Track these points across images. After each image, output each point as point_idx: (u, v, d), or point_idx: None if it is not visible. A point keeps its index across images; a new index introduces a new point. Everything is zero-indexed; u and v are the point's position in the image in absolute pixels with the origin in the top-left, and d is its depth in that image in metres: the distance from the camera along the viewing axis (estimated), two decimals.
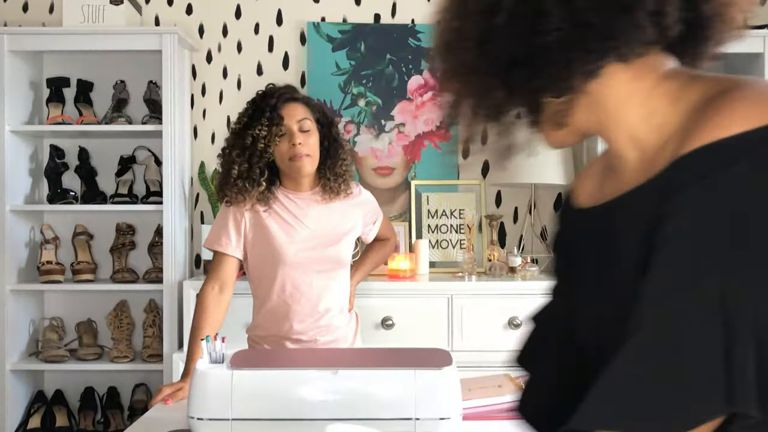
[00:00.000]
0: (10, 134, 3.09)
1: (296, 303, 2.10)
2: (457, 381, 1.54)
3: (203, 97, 3.38)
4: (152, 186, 3.25)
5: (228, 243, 2.09)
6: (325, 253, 2.12)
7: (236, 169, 2.07)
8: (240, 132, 2.10)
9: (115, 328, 3.21)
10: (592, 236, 0.87)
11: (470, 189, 3.33)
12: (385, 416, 1.49)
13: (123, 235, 3.29)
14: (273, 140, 2.07)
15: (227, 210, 2.11)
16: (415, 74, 3.33)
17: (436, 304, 2.89)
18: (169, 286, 3.05)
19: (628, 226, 0.79)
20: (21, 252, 3.19)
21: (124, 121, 3.16)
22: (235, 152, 2.08)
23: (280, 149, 2.09)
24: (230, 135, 2.15)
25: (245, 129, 2.09)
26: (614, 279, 0.81)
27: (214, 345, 1.61)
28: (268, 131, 2.06)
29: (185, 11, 3.38)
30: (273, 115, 2.08)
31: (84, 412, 3.24)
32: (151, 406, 1.83)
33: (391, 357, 1.67)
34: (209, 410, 1.49)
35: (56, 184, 3.24)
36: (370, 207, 2.30)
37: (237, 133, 2.11)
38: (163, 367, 3.02)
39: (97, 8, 3.09)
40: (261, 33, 3.38)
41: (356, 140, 3.34)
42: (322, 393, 1.49)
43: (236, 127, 2.12)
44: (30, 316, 3.24)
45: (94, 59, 3.34)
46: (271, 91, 2.15)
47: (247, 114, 2.11)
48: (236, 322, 2.69)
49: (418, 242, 3.17)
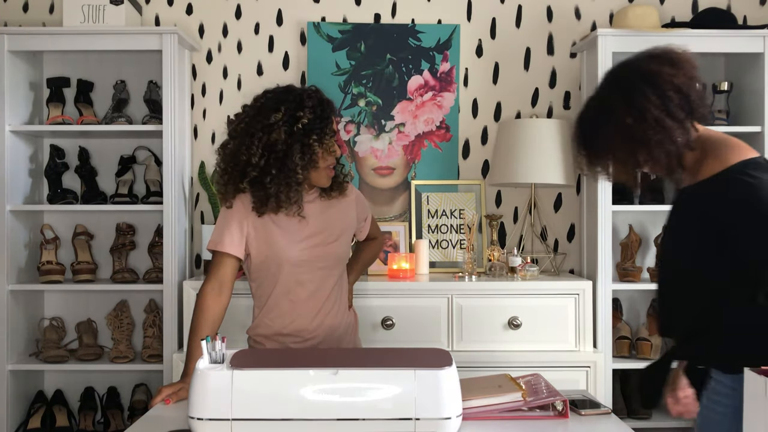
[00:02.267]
0: (10, 134, 3.09)
1: (299, 301, 2.11)
2: (457, 381, 1.54)
3: (203, 97, 3.38)
4: (152, 186, 3.25)
5: (230, 243, 2.09)
6: (326, 250, 2.13)
7: (300, 175, 2.02)
8: (297, 135, 2.00)
9: (115, 328, 3.21)
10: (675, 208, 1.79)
11: (470, 189, 3.33)
12: (385, 416, 1.49)
13: (123, 235, 3.29)
14: (328, 151, 2.06)
15: (230, 211, 2.11)
16: (415, 74, 3.33)
17: (436, 304, 2.89)
18: (169, 286, 3.05)
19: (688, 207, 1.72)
20: (21, 252, 3.19)
21: (124, 121, 3.16)
22: (297, 156, 2.00)
23: (327, 160, 2.08)
24: (283, 135, 2.00)
25: (306, 134, 2.01)
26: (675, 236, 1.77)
27: (214, 345, 1.61)
28: (328, 142, 2.04)
29: (185, 11, 3.38)
30: (331, 125, 2.07)
31: (84, 412, 3.24)
32: (152, 407, 1.83)
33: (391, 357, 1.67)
34: (209, 410, 1.49)
35: (56, 184, 3.24)
36: (361, 204, 2.32)
37: (293, 134, 2.00)
38: (163, 367, 3.02)
39: (97, 8, 3.09)
40: (261, 33, 3.38)
41: (356, 140, 3.34)
42: (322, 393, 1.49)
43: (293, 128, 2.00)
44: (30, 316, 3.24)
45: (94, 59, 3.34)
46: (323, 98, 2.09)
47: (306, 116, 2.01)
48: (236, 322, 2.69)
49: (418, 242, 3.17)
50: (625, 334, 3.15)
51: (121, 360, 3.11)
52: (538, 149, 3.06)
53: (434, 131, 3.34)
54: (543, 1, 3.38)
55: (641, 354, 3.06)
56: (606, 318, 3.01)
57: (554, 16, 3.38)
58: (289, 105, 2.02)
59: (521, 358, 2.82)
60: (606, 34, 3.03)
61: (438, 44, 3.33)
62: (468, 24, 3.37)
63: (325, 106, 2.07)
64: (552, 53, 3.38)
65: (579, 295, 2.90)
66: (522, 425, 1.65)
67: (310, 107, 2.03)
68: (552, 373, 2.27)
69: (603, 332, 3.00)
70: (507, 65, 3.38)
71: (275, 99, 2.05)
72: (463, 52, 3.36)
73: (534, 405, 1.71)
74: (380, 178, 3.35)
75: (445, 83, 3.34)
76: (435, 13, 3.37)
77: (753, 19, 3.37)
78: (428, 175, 3.34)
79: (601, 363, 2.86)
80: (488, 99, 3.38)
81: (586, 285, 2.91)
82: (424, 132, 3.34)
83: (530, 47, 3.38)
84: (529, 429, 1.63)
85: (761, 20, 3.35)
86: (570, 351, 2.89)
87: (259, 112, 2.04)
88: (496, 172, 3.19)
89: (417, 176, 3.34)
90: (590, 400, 1.83)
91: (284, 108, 2.02)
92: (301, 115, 2.00)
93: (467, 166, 3.37)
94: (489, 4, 3.38)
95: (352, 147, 3.34)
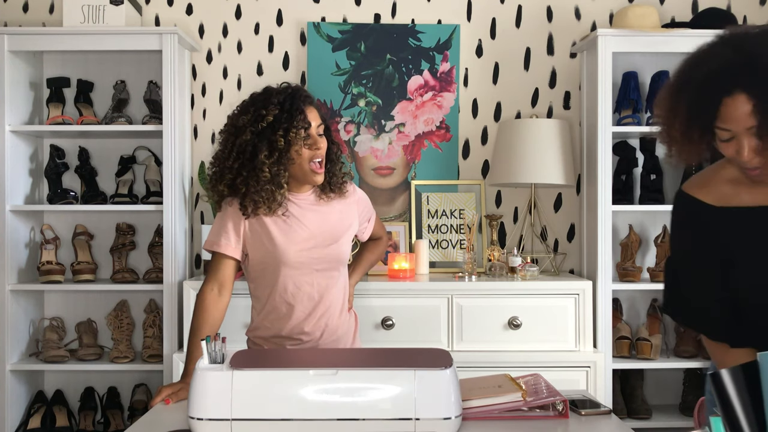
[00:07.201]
0: (10, 134, 3.09)
1: (298, 302, 2.10)
2: (457, 381, 1.54)
3: (203, 97, 3.38)
4: (152, 186, 3.25)
5: (227, 244, 2.09)
6: (325, 251, 2.12)
7: (267, 173, 2.01)
8: (264, 132, 2.00)
9: (115, 328, 3.21)
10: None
11: (470, 189, 3.33)
12: (385, 416, 1.49)
13: (123, 235, 3.29)
14: (301, 144, 2.03)
15: (226, 211, 2.11)
16: (415, 74, 3.33)
17: (436, 304, 2.89)
18: (169, 287, 3.05)
19: None
20: (21, 252, 3.19)
21: (124, 121, 3.16)
22: (263, 154, 2.00)
23: (303, 154, 2.05)
24: (249, 135, 2.00)
25: (273, 130, 2.00)
26: None
27: (214, 345, 1.61)
28: (296, 134, 2.01)
29: (185, 11, 3.38)
30: (302, 117, 2.03)
31: (84, 412, 3.24)
32: (152, 407, 1.83)
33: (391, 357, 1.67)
34: (209, 410, 1.49)
35: (56, 184, 3.24)
36: (364, 205, 2.31)
37: (259, 134, 2.00)
38: (163, 367, 3.02)
39: (97, 8, 3.09)
40: (261, 33, 3.38)
41: (356, 140, 3.34)
42: (322, 393, 1.49)
43: (258, 126, 2.01)
44: (30, 316, 3.24)
45: (94, 59, 3.34)
46: (294, 91, 2.08)
47: (271, 113, 2.01)
48: (236, 323, 2.69)
49: (418, 242, 3.17)
50: (625, 334, 3.15)
51: (121, 360, 3.11)
52: (538, 149, 3.06)
53: (434, 131, 3.34)
54: (543, 1, 3.38)
55: (641, 354, 3.06)
56: (606, 318, 3.01)
57: (554, 16, 3.38)
58: (257, 105, 2.04)
59: (521, 358, 2.82)
60: (606, 34, 3.03)
61: (438, 44, 3.33)
62: (468, 24, 3.37)
63: (296, 99, 2.04)
64: (552, 53, 3.38)
65: (579, 295, 2.90)
66: (522, 425, 1.65)
67: (276, 103, 2.02)
68: (552, 373, 2.27)
69: (603, 332, 3.00)
70: (507, 65, 3.38)
71: (248, 102, 2.08)
72: (463, 52, 3.36)
73: (534, 405, 1.71)
74: (380, 178, 3.35)
75: (445, 83, 3.34)
76: (435, 13, 3.37)
77: (753, 19, 3.37)
78: (428, 175, 3.34)
79: (601, 363, 2.86)
80: (488, 99, 3.38)
81: (586, 285, 2.91)
82: (424, 132, 3.34)
83: (530, 47, 3.38)
84: (529, 429, 1.63)
85: (761, 20, 3.35)
86: (570, 351, 2.89)
87: (233, 117, 2.08)
88: (496, 172, 3.19)
89: (417, 176, 3.34)
90: (590, 400, 1.83)
91: (252, 109, 2.04)
92: (265, 113, 2.01)
93: (467, 166, 3.37)
94: (489, 4, 3.38)
95: (352, 147, 3.34)
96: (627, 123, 3.11)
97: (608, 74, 3.04)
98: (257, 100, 2.06)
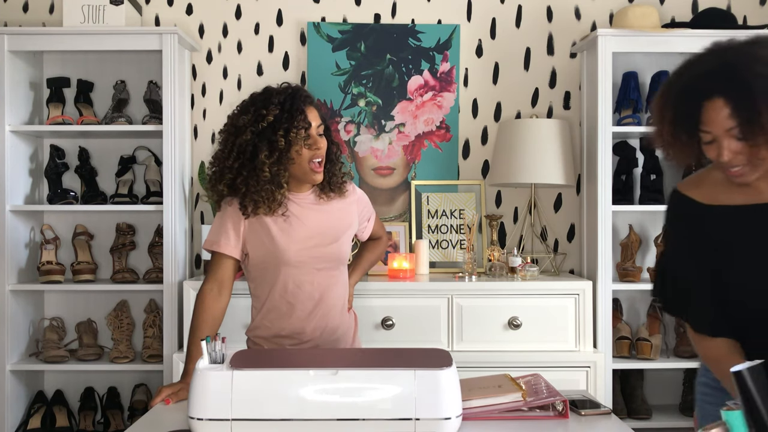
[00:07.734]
0: (10, 134, 3.09)
1: (298, 302, 2.10)
2: (457, 381, 1.54)
3: (203, 97, 3.38)
4: (152, 186, 3.25)
5: (227, 244, 2.09)
6: (325, 251, 2.12)
7: (267, 173, 2.01)
8: (265, 132, 2.01)
9: (115, 328, 3.21)
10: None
11: (470, 189, 3.33)
12: (385, 416, 1.49)
13: (123, 235, 3.29)
14: (301, 144, 2.03)
15: (226, 211, 2.11)
16: (415, 74, 3.33)
17: (436, 304, 2.89)
18: (169, 286, 3.05)
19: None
20: (21, 252, 3.19)
21: (124, 121, 3.16)
22: (263, 154, 2.00)
23: (303, 154, 2.05)
24: (249, 135, 2.01)
25: (273, 130, 2.00)
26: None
27: (214, 345, 1.61)
28: (296, 134, 2.01)
29: (185, 11, 3.38)
30: (302, 117, 2.03)
31: (84, 412, 3.24)
32: (152, 407, 1.83)
33: (391, 357, 1.67)
34: (209, 410, 1.49)
35: (56, 184, 3.24)
36: (364, 204, 2.31)
37: (259, 134, 2.01)
38: (163, 367, 3.02)
39: (97, 8, 3.09)
40: (261, 33, 3.38)
41: (356, 140, 3.34)
42: (322, 393, 1.49)
43: (258, 126, 2.01)
44: (30, 316, 3.24)
45: (94, 59, 3.34)
46: (294, 91, 2.08)
47: (271, 113, 2.01)
48: (236, 322, 2.69)
49: (418, 242, 3.17)
50: (625, 335, 3.15)
51: (121, 360, 3.11)
52: (538, 149, 3.06)
53: (434, 131, 3.34)
54: (543, 1, 3.38)
55: (641, 354, 3.06)
56: (606, 318, 3.01)
57: (554, 16, 3.38)
58: (257, 105, 2.04)
59: (521, 358, 2.82)
60: (606, 34, 3.03)
61: (438, 44, 3.33)
62: (468, 24, 3.37)
63: (296, 99, 2.04)
64: (552, 53, 3.38)
65: (579, 296, 2.90)
66: (522, 425, 1.65)
67: (276, 103, 2.03)
68: (552, 373, 2.27)
69: (603, 332, 3.00)
70: (507, 65, 3.38)
71: (248, 102, 2.08)
72: (463, 52, 3.36)
73: (534, 405, 1.71)
74: (380, 178, 3.35)
75: (445, 83, 3.34)
76: (435, 13, 3.37)
77: (753, 19, 3.37)
78: (428, 175, 3.34)
79: (601, 363, 2.86)
80: (488, 99, 3.38)
81: (586, 285, 2.91)
82: (424, 132, 3.34)
83: (530, 47, 3.38)
84: (529, 429, 1.63)
85: (761, 20, 3.35)
86: (570, 351, 2.89)
87: (233, 117, 2.08)
88: (496, 172, 3.19)
89: (417, 176, 3.34)
90: (590, 400, 1.83)
91: (252, 109, 2.04)
92: (266, 113, 2.02)
93: (467, 166, 3.37)
94: (489, 4, 3.38)
95: (352, 147, 3.34)
96: (627, 123, 3.11)
97: (608, 74, 3.04)
98: (257, 100, 2.06)
